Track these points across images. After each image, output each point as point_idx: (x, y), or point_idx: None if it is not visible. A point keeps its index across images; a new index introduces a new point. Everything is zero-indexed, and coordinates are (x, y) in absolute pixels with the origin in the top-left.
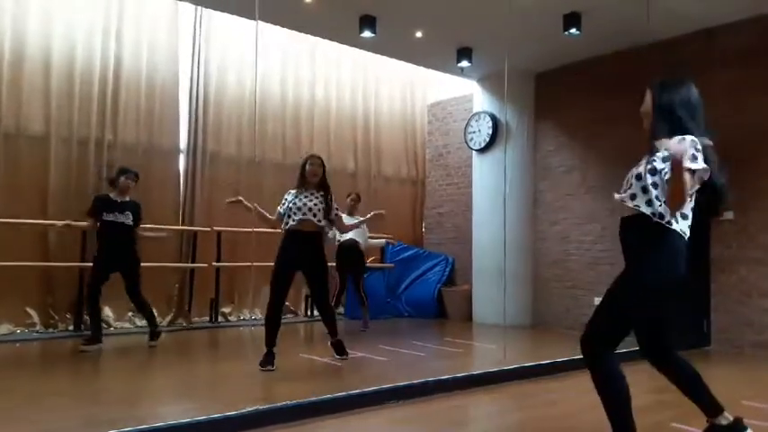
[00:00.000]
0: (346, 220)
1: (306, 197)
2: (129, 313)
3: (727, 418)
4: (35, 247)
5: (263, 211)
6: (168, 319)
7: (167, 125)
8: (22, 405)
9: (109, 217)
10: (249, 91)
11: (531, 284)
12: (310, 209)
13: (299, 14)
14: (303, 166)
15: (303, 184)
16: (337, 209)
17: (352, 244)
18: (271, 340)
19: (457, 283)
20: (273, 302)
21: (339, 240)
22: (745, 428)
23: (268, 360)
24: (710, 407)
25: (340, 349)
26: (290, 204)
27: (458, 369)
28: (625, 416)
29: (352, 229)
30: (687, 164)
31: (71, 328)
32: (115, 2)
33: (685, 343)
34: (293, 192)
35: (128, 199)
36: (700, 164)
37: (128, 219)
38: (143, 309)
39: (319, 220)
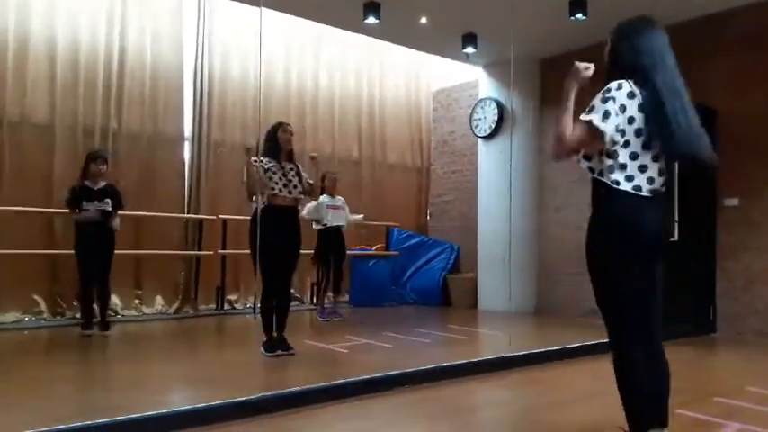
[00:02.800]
0: (327, 202)
1: (284, 169)
2: (136, 300)
3: None
4: (41, 235)
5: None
6: (175, 306)
7: (172, 113)
8: (28, 391)
9: (89, 206)
10: (253, 79)
11: (537, 271)
12: (291, 181)
13: (304, 1)
14: (275, 133)
15: (276, 154)
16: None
17: (337, 229)
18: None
19: (462, 271)
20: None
21: (325, 225)
22: None
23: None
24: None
25: (285, 345)
26: (272, 175)
27: (463, 356)
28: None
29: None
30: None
31: (78, 315)
32: None
33: (691, 330)
34: (266, 160)
35: (103, 184)
36: (593, 117)
37: (107, 205)
38: (105, 296)
39: (301, 193)
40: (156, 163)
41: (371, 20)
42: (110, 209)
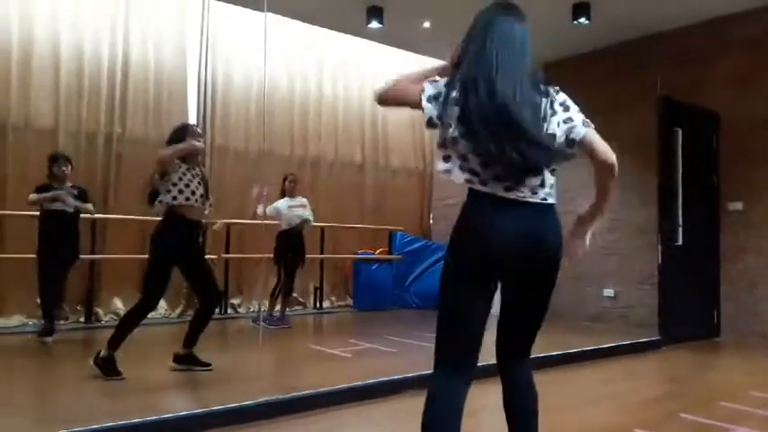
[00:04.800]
0: (288, 203)
1: (192, 175)
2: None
3: None
4: None
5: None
6: (178, 311)
7: (175, 119)
8: (30, 395)
9: (53, 206)
10: (257, 85)
11: None
12: (195, 191)
13: (307, 6)
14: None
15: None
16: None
17: (299, 231)
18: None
19: None
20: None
21: (290, 226)
22: None
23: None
24: None
25: (193, 360)
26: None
27: None
28: None
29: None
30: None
31: (82, 319)
32: None
33: (695, 333)
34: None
35: (68, 185)
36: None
37: (69, 207)
38: (60, 298)
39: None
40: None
41: (375, 24)
42: (72, 210)
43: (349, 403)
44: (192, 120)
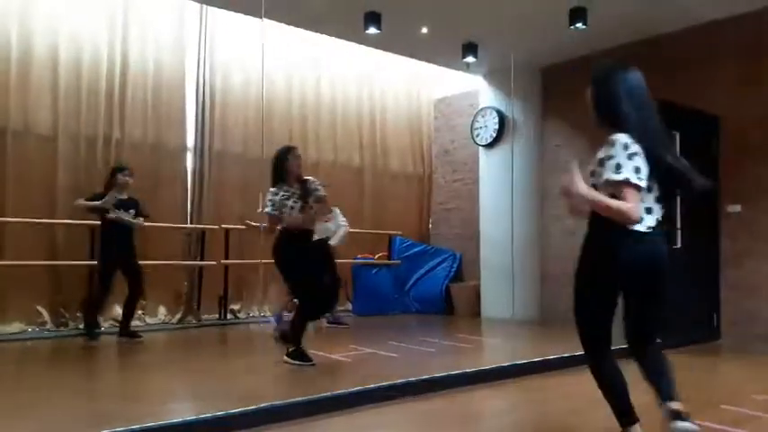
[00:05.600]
0: None
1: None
2: (139, 311)
3: None
4: (44, 245)
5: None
6: (178, 316)
7: (174, 123)
8: (31, 402)
9: (114, 214)
10: (255, 89)
11: (539, 279)
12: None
13: (305, 12)
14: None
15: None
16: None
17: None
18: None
19: (464, 279)
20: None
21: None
22: None
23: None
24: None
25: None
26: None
27: (468, 364)
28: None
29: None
30: (582, 188)
31: (81, 326)
32: (121, 0)
33: (696, 337)
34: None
35: (126, 196)
36: (630, 177)
37: (130, 216)
38: (132, 306)
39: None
40: (158, 173)
41: (372, 30)
42: (131, 219)
43: (350, 409)
44: (191, 124)
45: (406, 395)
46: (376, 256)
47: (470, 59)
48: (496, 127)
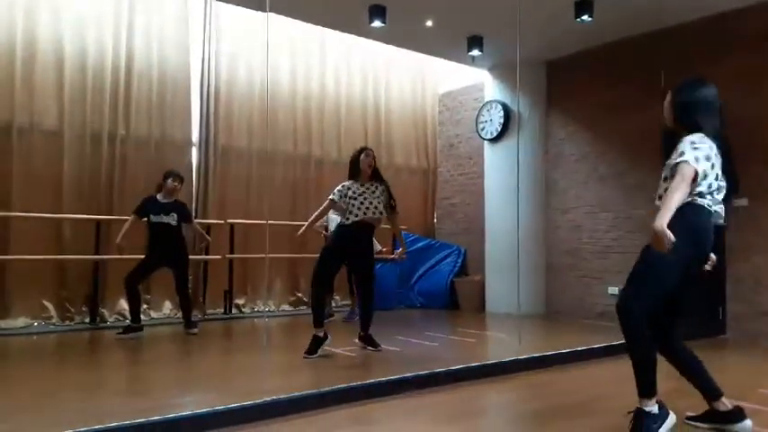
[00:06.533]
0: None
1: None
2: (144, 306)
3: (725, 404)
4: (50, 240)
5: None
6: None
7: (179, 118)
8: (37, 396)
9: (155, 219)
10: (260, 83)
11: (544, 274)
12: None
13: (310, 5)
14: (358, 157)
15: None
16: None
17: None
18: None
19: (469, 274)
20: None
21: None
22: (744, 418)
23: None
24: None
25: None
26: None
27: (473, 359)
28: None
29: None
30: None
31: (87, 320)
32: None
33: (702, 331)
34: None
35: (172, 200)
36: (694, 163)
37: (173, 219)
38: (187, 304)
39: (381, 212)
40: (163, 168)
41: (377, 23)
42: (175, 222)
43: (354, 402)
44: (195, 119)
45: (410, 389)
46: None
47: (475, 53)
48: (501, 121)
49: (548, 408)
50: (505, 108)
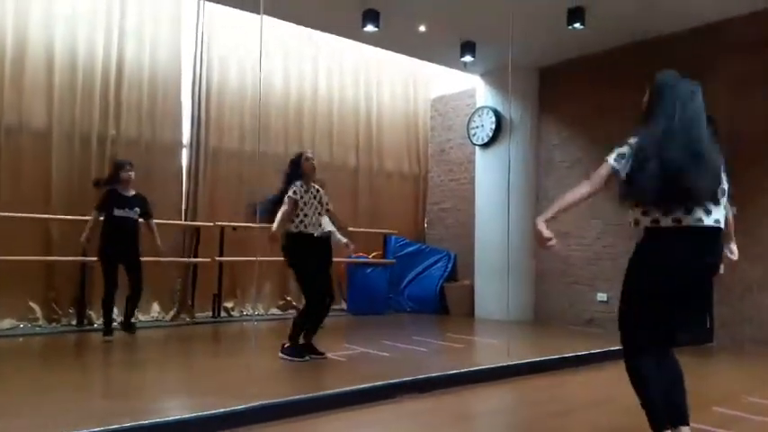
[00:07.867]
0: None
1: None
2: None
3: None
4: (38, 241)
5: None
6: (171, 313)
7: (170, 120)
8: (23, 398)
9: (119, 212)
10: (251, 86)
11: (534, 280)
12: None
13: (303, 8)
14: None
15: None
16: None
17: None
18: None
19: (459, 279)
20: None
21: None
22: None
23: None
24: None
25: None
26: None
27: (461, 364)
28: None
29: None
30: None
31: (74, 322)
32: None
33: (689, 339)
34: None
35: (134, 193)
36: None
37: (135, 214)
38: (135, 301)
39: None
40: (153, 169)
41: (370, 28)
42: (137, 217)
43: (342, 408)
44: (186, 120)
45: (398, 395)
46: (371, 256)
47: (468, 58)
48: (493, 126)
49: (537, 414)
50: (497, 114)
